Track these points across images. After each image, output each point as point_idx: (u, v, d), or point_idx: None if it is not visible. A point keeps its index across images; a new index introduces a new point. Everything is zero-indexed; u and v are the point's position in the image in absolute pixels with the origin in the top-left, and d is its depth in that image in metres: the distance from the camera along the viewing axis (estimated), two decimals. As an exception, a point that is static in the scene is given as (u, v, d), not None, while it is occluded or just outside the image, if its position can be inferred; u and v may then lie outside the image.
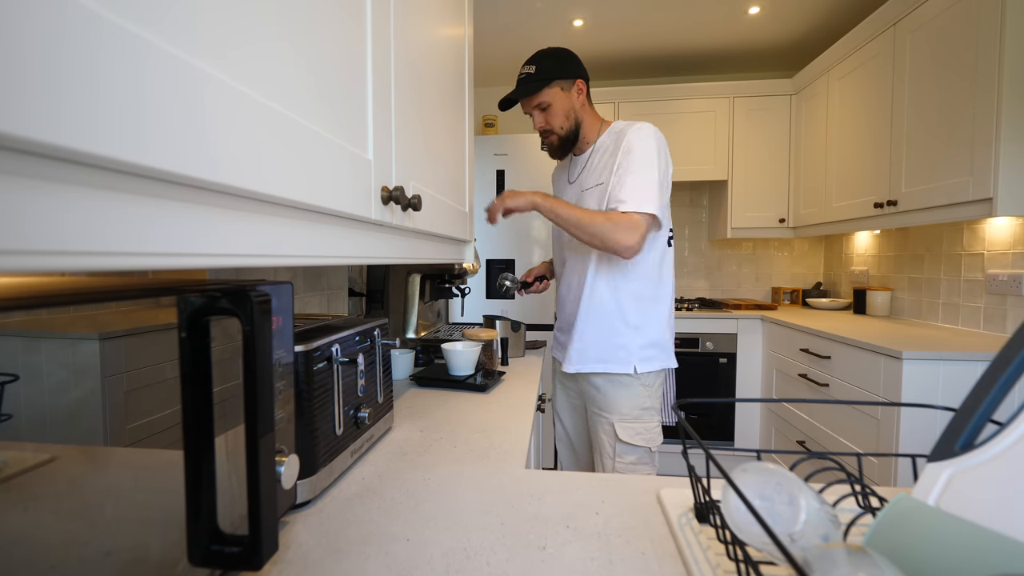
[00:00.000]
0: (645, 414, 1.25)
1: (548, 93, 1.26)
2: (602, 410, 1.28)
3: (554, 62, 1.26)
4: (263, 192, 0.37)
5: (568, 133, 1.29)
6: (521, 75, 1.27)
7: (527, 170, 2.61)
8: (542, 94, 1.26)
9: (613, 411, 1.26)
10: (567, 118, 1.28)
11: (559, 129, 1.29)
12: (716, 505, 0.53)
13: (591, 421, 1.33)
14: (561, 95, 1.27)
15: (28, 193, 0.22)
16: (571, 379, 1.39)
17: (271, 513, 0.43)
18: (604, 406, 1.27)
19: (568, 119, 1.28)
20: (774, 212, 2.85)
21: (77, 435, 0.33)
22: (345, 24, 0.55)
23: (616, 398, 1.26)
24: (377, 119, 0.62)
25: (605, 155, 1.26)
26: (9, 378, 0.28)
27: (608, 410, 1.27)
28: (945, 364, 1.53)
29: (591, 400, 1.31)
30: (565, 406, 1.46)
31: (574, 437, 1.46)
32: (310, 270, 1.23)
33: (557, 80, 1.26)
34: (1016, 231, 1.77)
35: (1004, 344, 0.43)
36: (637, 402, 1.25)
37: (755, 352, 2.58)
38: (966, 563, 0.35)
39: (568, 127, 1.29)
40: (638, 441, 1.23)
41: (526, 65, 1.27)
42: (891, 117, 1.99)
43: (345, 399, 0.71)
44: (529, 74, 1.25)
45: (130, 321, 0.37)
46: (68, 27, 0.22)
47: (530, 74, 1.25)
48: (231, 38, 0.35)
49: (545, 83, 1.25)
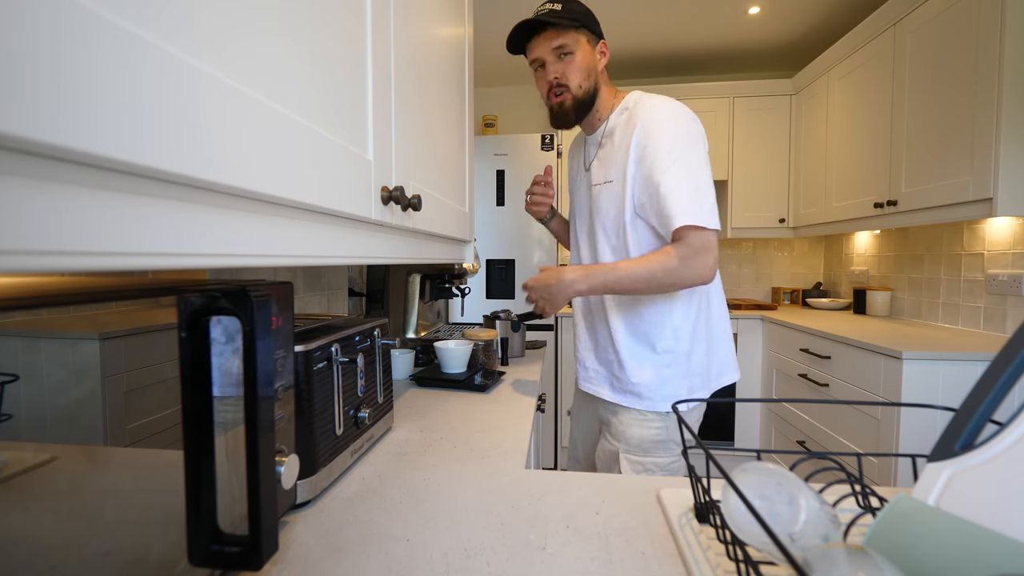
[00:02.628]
0: (656, 448, 1.06)
1: (574, 37, 1.01)
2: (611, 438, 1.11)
3: (583, 8, 1.03)
4: (262, 192, 0.37)
5: (585, 95, 1.05)
6: (541, 10, 1.01)
7: (527, 170, 2.61)
8: (568, 34, 1.01)
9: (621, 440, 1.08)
10: (588, 76, 1.04)
11: (577, 88, 1.03)
12: (716, 505, 0.53)
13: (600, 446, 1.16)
14: (587, 47, 1.03)
15: (25, 193, 0.22)
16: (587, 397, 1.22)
17: (271, 513, 0.43)
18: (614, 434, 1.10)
19: (589, 78, 1.04)
20: (774, 212, 2.85)
21: (77, 435, 0.33)
22: (345, 23, 0.55)
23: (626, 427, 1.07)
24: (377, 119, 0.62)
25: (615, 141, 1.04)
26: (9, 378, 0.28)
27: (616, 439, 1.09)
28: (945, 364, 1.53)
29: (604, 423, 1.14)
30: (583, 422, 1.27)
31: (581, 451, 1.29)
32: (310, 270, 1.23)
33: (585, 28, 1.02)
34: (1016, 231, 1.77)
35: (1004, 344, 0.43)
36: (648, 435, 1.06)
37: (755, 352, 2.58)
38: (966, 563, 0.35)
39: (587, 88, 1.04)
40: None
41: (546, 3, 1.02)
42: (891, 117, 1.99)
43: (345, 399, 0.71)
44: (554, 10, 1.00)
45: (130, 321, 0.37)
46: (65, 25, 0.22)
47: (555, 11, 1.00)
48: (229, 37, 0.35)
49: (574, 24, 1.00)
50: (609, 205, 1.04)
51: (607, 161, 1.06)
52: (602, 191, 1.06)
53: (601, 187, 1.06)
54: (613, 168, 1.03)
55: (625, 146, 1.00)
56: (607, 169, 1.05)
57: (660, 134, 0.96)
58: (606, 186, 1.05)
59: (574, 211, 1.20)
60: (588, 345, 1.18)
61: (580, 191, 1.17)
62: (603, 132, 1.09)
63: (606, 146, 1.07)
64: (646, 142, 0.96)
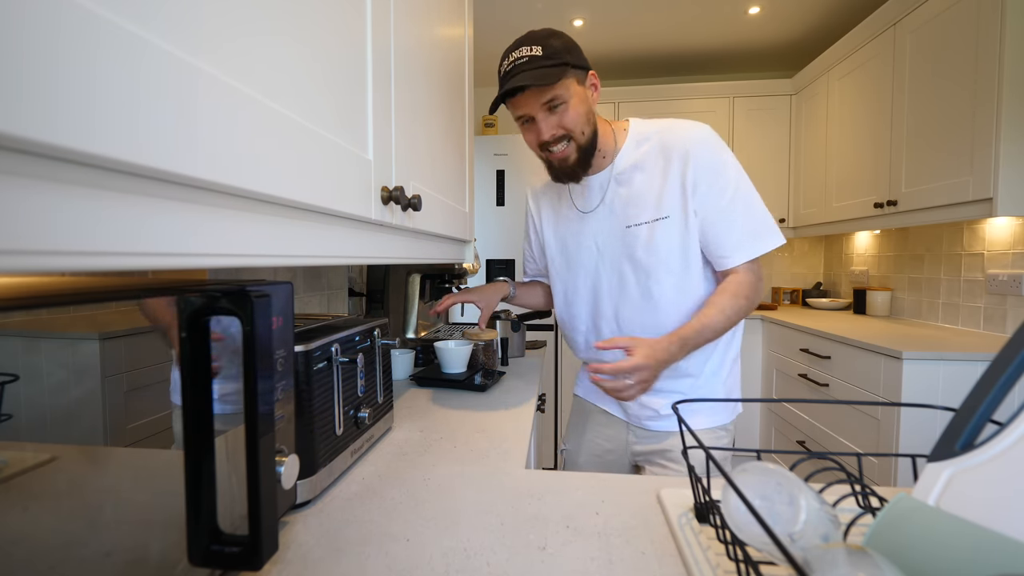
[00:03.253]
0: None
1: (564, 84, 0.88)
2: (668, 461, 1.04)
3: (564, 44, 0.89)
4: (260, 191, 0.37)
5: (589, 141, 0.94)
6: (521, 58, 0.87)
7: (527, 170, 2.61)
8: (559, 85, 0.88)
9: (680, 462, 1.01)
10: (587, 121, 0.93)
11: (580, 135, 0.92)
12: (716, 505, 0.53)
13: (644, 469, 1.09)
14: (579, 89, 0.91)
15: (22, 192, 0.22)
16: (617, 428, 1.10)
17: (271, 513, 0.43)
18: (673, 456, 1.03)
19: (588, 122, 0.93)
20: (774, 212, 2.83)
21: (77, 435, 0.33)
22: (345, 22, 0.55)
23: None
24: (377, 118, 0.62)
25: (650, 174, 0.96)
26: (9, 378, 0.28)
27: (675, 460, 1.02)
28: (945, 364, 1.53)
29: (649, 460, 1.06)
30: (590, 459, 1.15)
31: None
32: (310, 270, 1.23)
33: (572, 68, 0.89)
34: (1016, 231, 1.77)
35: (1004, 344, 0.43)
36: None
37: (755, 352, 2.58)
38: (966, 563, 0.35)
39: (589, 133, 0.94)
40: None
41: (523, 47, 0.88)
42: (891, 117, 1.99)
43: (345, 399, 0.71)
44: (535, 56, 0.86)
45: (130, 321, 0.36)
46: (63, 25, 0.22)
47: (536, 56, 0.86)
48: (227, 35, 0.35)
49: (561, 70, 0.87)
50: (664, 244, 0.95)
51: (645, 197, 0.96)
52: (653, 229, 0.95)
53: (651, 225, 0.96)
54: (665, 204, 0.94)
55: (677, 178, 0.93)
56: (655, 205, 0.95)
57: (717, 165, 0.92)
58: (660, 223, 0.95)
59: (567, 262, 1.09)
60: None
61: (586, 238, 1.04)
62: (618, 168, 0.99)
63: (633, 181, 0.98)
64: (710, 178, 0.92)
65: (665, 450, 1.04)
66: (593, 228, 1.03)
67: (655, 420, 1.04)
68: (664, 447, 1.04)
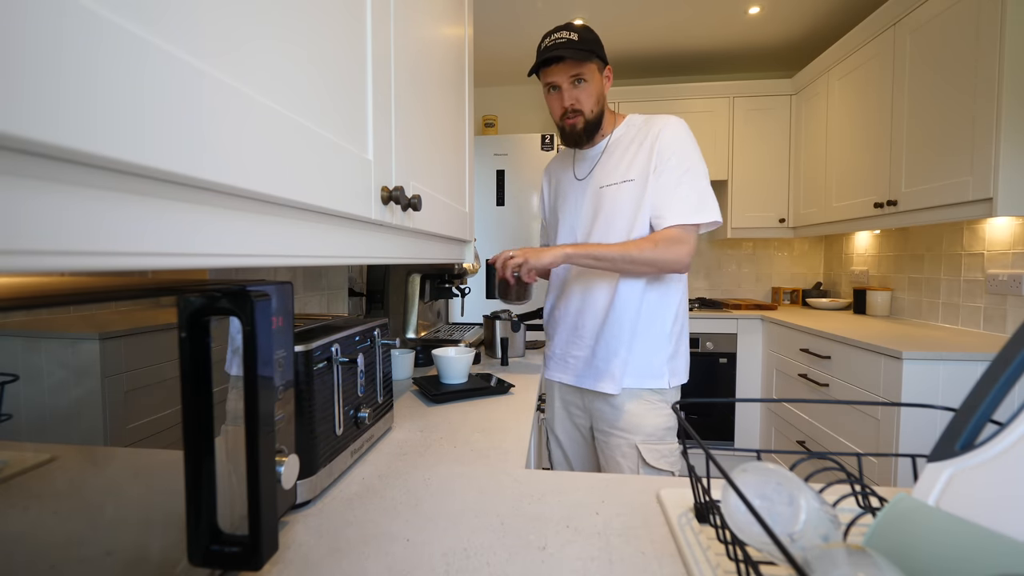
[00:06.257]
0: (668, 435, 1.16)
1: (588, 67, 1.14)
2: (622, 431, 1.16)
3: (594, 37, 1.15)
4: (262, 192, 0.37)
5: (595, 117, 1.18)
6: (560, 39, 1.11)
7: (527, 170, 2.61)
8: (584, 65, 1.13)
9: (636, 432, 1.15)
10: (598, 102, 1.17)
11: (589, 112, 1.17)
12: (716, 505, 0.53)
13: (602, 444, 1.21)
14: (597, 75, 1.17)
15: (25, 192, 0.22)
16: (576, 396, 1.28)
17: (271, 513, 0.43)
18: (625, 426, 1.16)
19: (598, 103, 1.18)
20: (774, 212, 2.85)
21: (77, 435, 0.33)
22: (345, 23, 0.55)
23: (641, 417, 1.15)
24: (377, 119, 0.62)
25: (628, 149, 1.18)
26: (9, 378, 0.28)
27: (630, 431, 1.15)
28: (945, 364, 1.53)
29: (603, 420, 1.20)
30: (567, 428, 1.33)
31: (576, 462, 1.34)
32: (310, 270, 1.23)
33: (597, 58, 1.14)
34: (1016, 231, 1.77)
35: (1004, 344, 0.43)
36: (661, 421, 1.15)
37: (755, 352, 2.58)
38: (966, 563, 0.35)
39: (597, 111, 1.18)
40: (663, 465, 1.13)
41: (563, 31, 1.12)
42: (891, 117, 1.99)
43: (345, 399, 0.71)
44: (572, 40, 1.11)
45: (130, 321, 0.37)
46: (67, 26, 0.22)
47: (573, 40, 1.11)
48: (229, 37, 0.35)
49: (590, 55, 1.12)
50: (625, 203, 1.16)
51: (623, 164, 1.18)
52: (619, 189, 1.17)
53: (618, 186, 1.18)
54: (634, 168, 1.16)
55: (646, 150, 1.15)
56: (624, 170, 1.17)
57: (676, 152, 1.13)
58: (625, 184, 1.16)
59: (562, 222, 1.30)
60: (589, 331, 1.22)
61: (573, 199, 1.28)
62: (607, 144, 1.23)
63: (614, 154, 1.21)
64: (665, 153, 1.13)
65: (608, 414, 1.20)
66: (582, 190, 1.26)
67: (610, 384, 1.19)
68: (610, 415, 1.20)
